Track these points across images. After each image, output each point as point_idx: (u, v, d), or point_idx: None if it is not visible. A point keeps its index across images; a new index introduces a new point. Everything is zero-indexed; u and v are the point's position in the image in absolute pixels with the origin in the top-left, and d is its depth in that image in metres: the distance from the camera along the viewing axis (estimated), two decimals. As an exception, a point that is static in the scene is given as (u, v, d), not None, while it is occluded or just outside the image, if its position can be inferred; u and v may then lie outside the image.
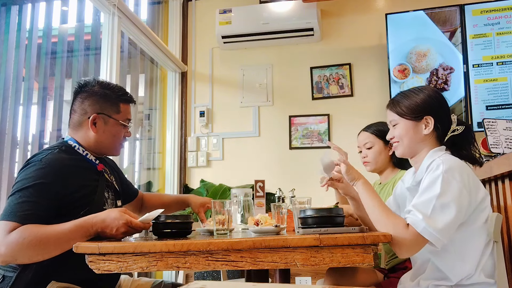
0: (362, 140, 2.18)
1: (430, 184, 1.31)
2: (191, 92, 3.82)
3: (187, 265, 1.17)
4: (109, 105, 1.54)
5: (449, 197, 1.28)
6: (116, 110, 1.56)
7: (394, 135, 1.50)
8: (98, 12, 2.81)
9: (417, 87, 1.53)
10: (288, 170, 3.50)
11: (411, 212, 1.29)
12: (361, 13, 3.59)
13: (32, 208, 1.30)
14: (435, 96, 1.49)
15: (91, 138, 1.53)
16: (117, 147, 1.60)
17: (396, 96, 1.55)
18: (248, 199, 1.85)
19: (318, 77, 3.58)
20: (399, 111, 1.49)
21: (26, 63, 2.39)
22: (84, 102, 1.54)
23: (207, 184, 3.58)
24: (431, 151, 1.44)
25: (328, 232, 1.21)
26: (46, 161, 1.38)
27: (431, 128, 1.44)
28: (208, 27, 3.79)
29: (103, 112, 1.53)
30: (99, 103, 1.53)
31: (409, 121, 1.46)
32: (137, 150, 3.42)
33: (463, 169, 1.34)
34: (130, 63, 3.35)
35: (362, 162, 2.17)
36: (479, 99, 3.09)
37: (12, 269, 1.33)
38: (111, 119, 1.54)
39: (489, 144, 2.16)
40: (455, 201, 1.27)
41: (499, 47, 3.10)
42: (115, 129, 1.55)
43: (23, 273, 1.32)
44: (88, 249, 1.20)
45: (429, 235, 1.24)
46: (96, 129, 1.52)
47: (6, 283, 1.31)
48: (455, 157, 1.39)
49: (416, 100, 1.47)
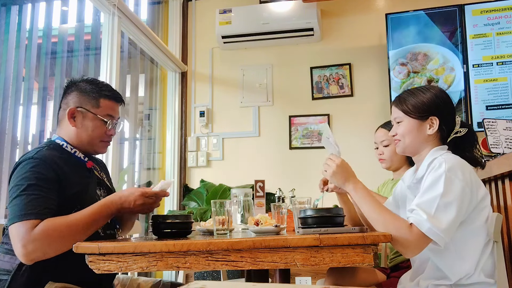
0: (380, 137, 2.16)
1: (432, 183, 1.31)
2: (191, 92, 3.82)
3: (187, 265, 1.17)
4: (89, 99, 1.52)
5: (452, 196, 1.27)
6: (95, 104, 1.53)
7: (397, 132, 1.49)
8: (98, 12, 2.81)
9: (424, 86, 1.52)
10: (288, 170, 3.50)
11: (414, 212, 1.29)
12: (361, 13, 3.59)
13: (44, 203, 1.30)
14: (442, 97, 1.48)
15: (72, 133, 1.51)
16: (97, 144, 1.55)
17: (403, 93, 1.54)
18: (248, 199, 1.85)
19: (318, 77, 3.58)
20: (404, 109, 1.47)
21: (26, 63, 2.39)
22: (67, 97, 1.54)
23: (207, 184, 3.58)
24: (433, 150, 1.44)
25: (328, 232, 1.21)
26: (38, 157, 1.37)
27: (436, 129, 1.43)
28: (208, 27, 3.79)
29: (82, 106, 1.51)
30: (79, 97, 1.52)
31: (414, 120, 1.45)
32: (137, 150, 3.42)
33: (465, 168, 1.34)
34: (130, 63, 3.36)
35: (378, 159, 2.16)
36: (479, 99, 3.09)
37: (5, 272, 1.33)
38: (89, 113, 1.51)
39: (489, 144, 2.16)
40: (457, 200, 1.27)
41: (499, 47, 3.10)
42: (93, 124, 1.52)
43: (18, 275, 1.32)
44: (88, 249, 1.20)
45: (434, 235, 1.24)
46: (75, 123, 1.50)
47: (1, 286, 1.31)
48: (456, 156, 1.39)
49: (423, 99, 1.45)
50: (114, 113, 1.58)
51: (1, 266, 1.34)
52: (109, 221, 1.51)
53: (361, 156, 3.29)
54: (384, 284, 1.91)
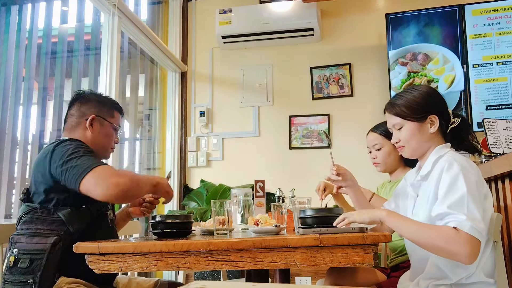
0: (371, 141, 2.13)
1: (452, 184, 1.28)
2: (191, 92, 3.82)
3: (187, 265, 1.17)
4: (105, 110, 1.68)
5: (475, 191, 1.28)
6: (111, 114, 1.69)
7: (400, 138, 1.49)
8: (98, 12, 2.81)
9: (412, 87, 1.52)
10: (288, 170, 3.50)
11: (451, 215, 1.23)
12: (361, 13, 3.59)
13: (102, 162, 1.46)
14: (433, 94, 1.49)
15: (88, 138, 1.61)
16: (108, 150, 1.70)
17: (393, 98, 1.53)
18: (248, 199, 1.85)
19: (318, 77, 3.58)
20: (401, 114, 1.47)
21: (26, 63, 2.39)
22: (82, 106, 1.66)
23: (207, 184, 3.58)
24: (437, 148, 1.44)
25: (328, 232, 1.21)
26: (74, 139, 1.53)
27: (437, 126, 1.44)
28: (208, 27, 3.79)
29: (100, 115, 1.65)
30: (97, 107, 1.66)
31: (414, 123, 1.45)
32: (137, 150, 3.42)
33: (473, 165, 1.36)
34: (130, 63, 3.36)
35: (373, 163, 2.15)
36: (479, 99, 3.09)
37: (40, 251, 1.36)
38: (106, 122, 1.66)
39: (489, 144, 2.16)
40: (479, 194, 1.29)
41: (499, 47, 3.10)
42: (109, 131, 1.68)
43: (52, 253, 1.36)
44: (88, 249, 1.20)
45: (476, 233, 1.19)
46: (93, 129, 1.62)
47: (38, 265, 1.34)
48: (461, 155, 1.40)
49: (416, 100, 1.46)
50: (120, 124, 1.76)
51: (32, 247, 1.37)
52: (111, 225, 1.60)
53: (361, 156, 3.29)
54: (384, 284, 1.91)
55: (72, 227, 1.41)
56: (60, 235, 1.39)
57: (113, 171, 1.39)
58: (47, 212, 1.41)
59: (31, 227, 1.40)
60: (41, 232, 1.38)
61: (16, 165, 2.26)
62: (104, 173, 1.36)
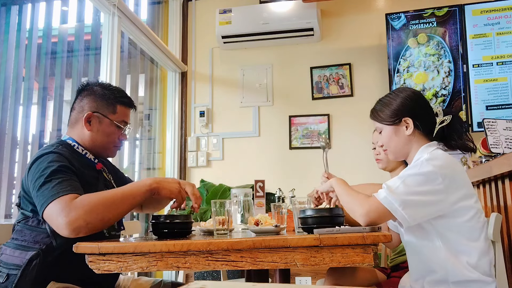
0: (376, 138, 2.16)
1: (407, 169, 1.37)
2: (191, 92, 3.83)
3: (187, 265, 1.17)
4: (106, 105, 1.55)
5: (420, 179, 1.30)
6: (112, 110, 1.56)
7: (382, 142, 1.55)
8: (98, 12, 2.81)
9: (393, 91, 1.58)
10: (288, 170, 3.50)
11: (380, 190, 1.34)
12: (361, 13, 3.59)
13: (74, 183, 1.32)
14: (409, 96, 1.51)
15: (86, 137, 1.53)
16: (111, 148, 1.59)
17: (375, 104, 1.59)
18: (248, 199, 1.85)
19: (318, 77, 3.58)
20: (379, 119, 1.53)
21: (26, 63, 2.39)
22: (83, 100, 1.56)
23: (207, 184, 3.58)
24: (423, 147, 1.46)
25: (340, 231, 1.20)
26: (55, 151, 1.39)
27: (412, 128, 1.47)
28: (208, 27, 3.79)
29: (99, 111, 1.54)
30: (96, 102, 1.55)
31: (390, 126, 1.50)
32: (137, 150, 3.42)
33: (449, 163, 1.35)
34: (130, 63, 3.36)
35: (375, 159, 2.16)
36: (479, 99, 3.09)
37: (15, 267, 1.32)
38: (106, 119, 1.55)
39: (489, 144, 2.16)
40: (428, 182, 1.29)
41: (499, 47, 3.10)
42: (109, 129, 1.55)
43: (27, 270, 1.31)
44: (88, 249, 1.20)
45: (389, 204, 1.28)
46: (91, 127, 1.53)
47: (11, 281, 1.30)
48: (445, 153, 1.40)
49: (392, 105, 1.51)
50: (127, 119, 1.62)
51: (11, 261, 1.33)
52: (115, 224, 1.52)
53: (361, 156, 3.29)
54: (384, 284, 1.91)
55: (55, 240, 1.32)
56: (41, 249, 1.32)
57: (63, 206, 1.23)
58: (37, 222, 1.35)
59: (19, 237, 1.35)
60: (24, 245, 1.33)
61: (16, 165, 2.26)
62: (55, 209, 1.24)
